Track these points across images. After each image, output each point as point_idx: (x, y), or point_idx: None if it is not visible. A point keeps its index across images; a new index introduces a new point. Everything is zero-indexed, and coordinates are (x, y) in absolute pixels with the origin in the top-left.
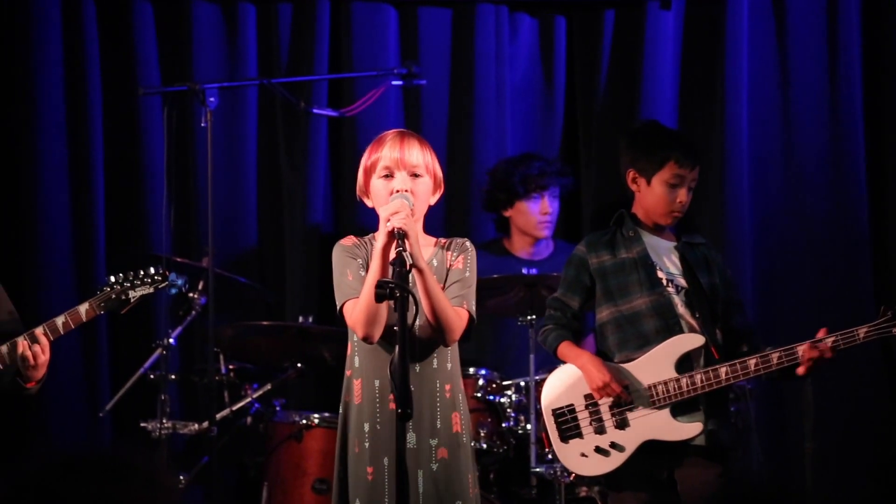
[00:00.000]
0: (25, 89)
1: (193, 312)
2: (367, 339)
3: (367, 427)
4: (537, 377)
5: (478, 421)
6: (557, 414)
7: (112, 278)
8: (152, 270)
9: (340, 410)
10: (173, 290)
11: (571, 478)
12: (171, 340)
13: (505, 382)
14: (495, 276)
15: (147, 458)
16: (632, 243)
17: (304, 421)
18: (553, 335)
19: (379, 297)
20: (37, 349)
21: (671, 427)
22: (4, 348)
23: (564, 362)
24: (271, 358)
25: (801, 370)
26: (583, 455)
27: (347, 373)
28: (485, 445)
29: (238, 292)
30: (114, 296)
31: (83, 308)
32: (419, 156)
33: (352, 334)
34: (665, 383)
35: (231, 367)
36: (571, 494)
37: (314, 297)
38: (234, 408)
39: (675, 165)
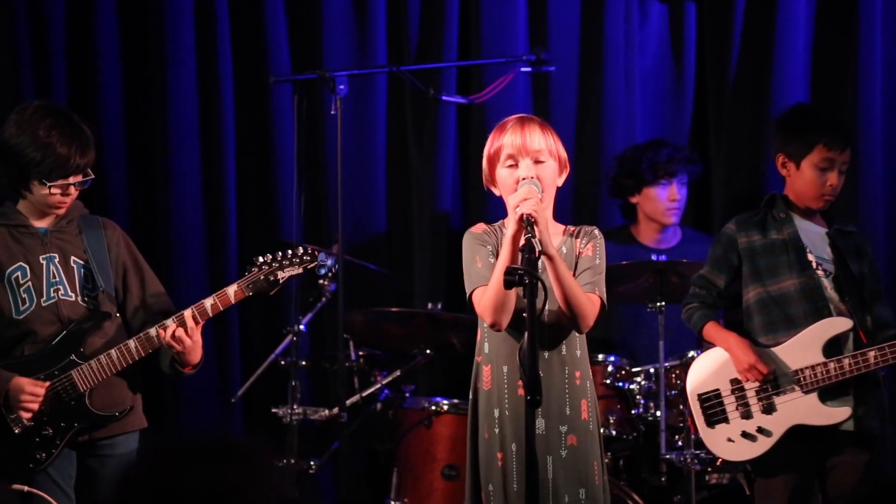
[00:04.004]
0: (159, 79)
1: (323, 299)
2: (494, 326)
3: (496, 413)
4: (667, 364)
5: (607, 408)
6: (703, 399)
7: (260, 259)
8: (301, 250)
9: (470, 396)
10: (322, 271)
11: (718, 463)
12: (302, 327)
13: (634, 369)
14: (625, 262)
15: (249, 439)
16: (783, 225)
17: (434, 407)
18: (698, 314)
19: (508, 284)
20: (180, 332)
21: (819, 411)
22: (153, 331)
23: (710, 342)
24: (401, 344)
25: None
26: (729, 440)
27: (477, 359)
28: (614, 432)
29: (367, 279)
30: (262, 276)
31: (231, 289)
32: (541, 140)
33: (481, 321)
34: (812, 367)
35: (361, 353)
36: (702, 482)
37: (442, 284)
38: (364, 394)
39: (824, 149)
